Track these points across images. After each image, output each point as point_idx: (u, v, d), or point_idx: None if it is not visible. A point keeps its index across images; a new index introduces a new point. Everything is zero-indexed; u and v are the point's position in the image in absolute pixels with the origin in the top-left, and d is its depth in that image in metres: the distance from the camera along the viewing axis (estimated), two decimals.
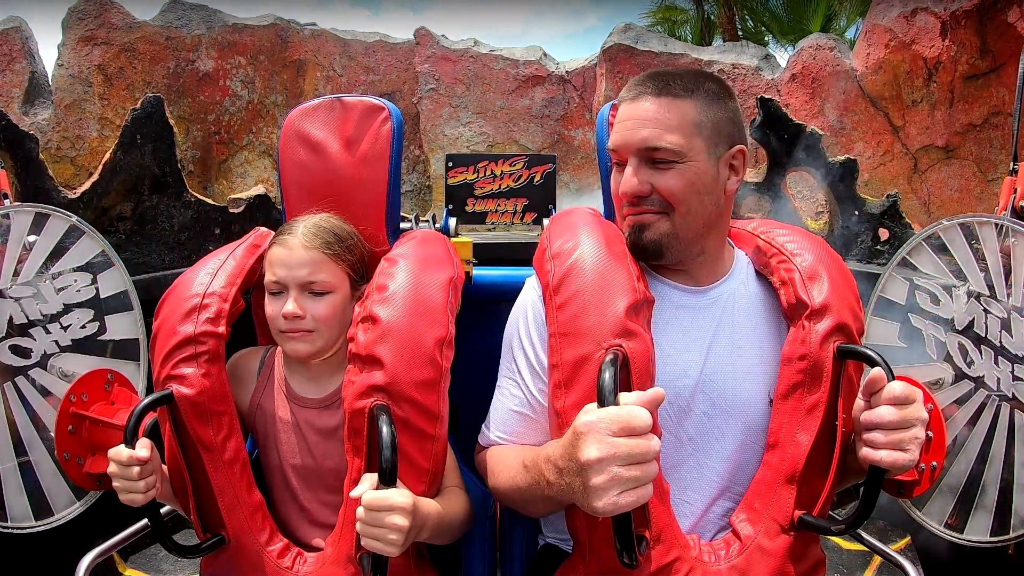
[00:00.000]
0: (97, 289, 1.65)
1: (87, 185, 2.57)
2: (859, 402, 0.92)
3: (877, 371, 0.85)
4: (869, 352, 0.90)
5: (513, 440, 1.05)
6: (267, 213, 3.00)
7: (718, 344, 1.02)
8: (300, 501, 1.12)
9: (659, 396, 0.79)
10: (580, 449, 0.74)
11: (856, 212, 2.97)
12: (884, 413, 0.83)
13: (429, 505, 0.96)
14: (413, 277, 1.04)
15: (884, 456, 0.82)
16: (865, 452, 0.85)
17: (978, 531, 1.49)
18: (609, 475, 0.72)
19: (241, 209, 2.97)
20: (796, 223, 1.37)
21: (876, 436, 0.84)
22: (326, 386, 1.12)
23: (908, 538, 2.07)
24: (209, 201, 2.90)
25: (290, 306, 1.04)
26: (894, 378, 0.84)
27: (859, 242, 2.99)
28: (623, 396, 0.78)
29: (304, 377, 1.13)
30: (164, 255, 2.74)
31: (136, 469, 0.93)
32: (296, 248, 1.06)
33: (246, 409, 1.15)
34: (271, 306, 1.07)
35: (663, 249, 0.99)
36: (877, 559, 2.02)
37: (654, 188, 0.96)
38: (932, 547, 1.80)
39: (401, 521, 0.84)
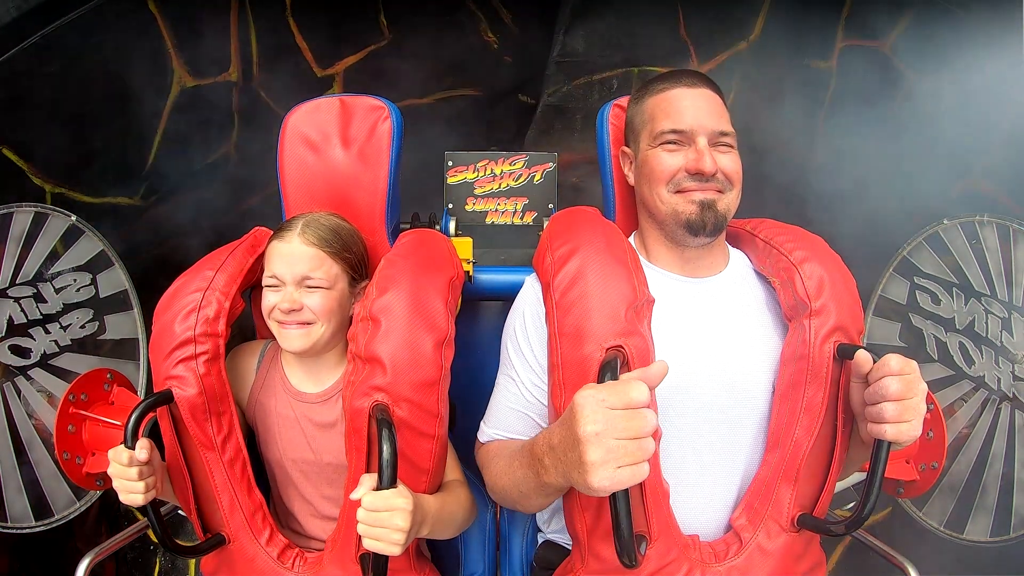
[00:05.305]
0: (96, 289, 1.65)
1: None
2: (854, 386, 0.92)
3: (862, 353, 0.86)
4: (868, 353, 0.90)
5: (510, 437, 1.05)
6: None
7: (720, 337, 1.02)
8: (303, 494, 1.13)
9: (663, 369, 0.79)
10: (578, 423, 0.74)
11: None
12: (888, 384, 0.83)
13: (429, 502, 0.96)
14: (413, 277, 1.03)
15: (889, 429, 0.82)
16: (870, 427, 0.85)
17: (978, 531, 1.49)
18: (605, 449, 0.72)
19: None
20: None
21: (882, 408, 0.83)
22: (324, 381, 1.13)
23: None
24: None
25: (286, 300, 1.05)
26: None
27: None
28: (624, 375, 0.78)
29: (302, 372, 1.14)
30: None
31: (136, 469, 0.93)
32: (295, 244, 1.06)
33: (246, 404, 1.15)
34: (268, 299, 1.07)
35: (724, 224, 1.04)
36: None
37: (719, 167, 1.01)
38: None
39: (402, 522, 0.85)
